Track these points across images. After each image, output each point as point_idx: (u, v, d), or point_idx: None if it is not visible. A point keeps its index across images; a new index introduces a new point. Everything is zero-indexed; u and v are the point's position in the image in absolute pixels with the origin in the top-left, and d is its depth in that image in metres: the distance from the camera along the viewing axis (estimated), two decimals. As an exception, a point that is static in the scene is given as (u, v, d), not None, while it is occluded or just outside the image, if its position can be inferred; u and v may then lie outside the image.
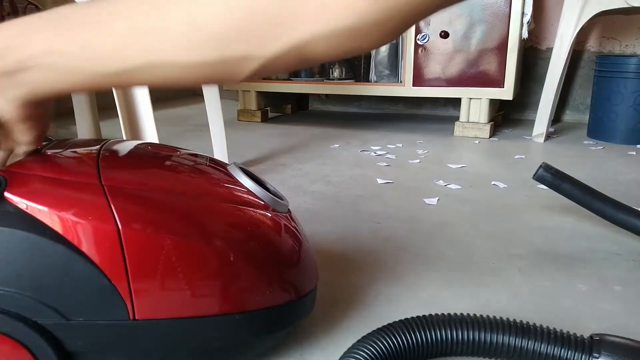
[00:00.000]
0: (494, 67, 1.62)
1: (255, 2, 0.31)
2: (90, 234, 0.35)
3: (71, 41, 0.34)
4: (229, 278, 0.41)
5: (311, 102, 2.43)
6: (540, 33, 1.97)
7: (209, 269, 0.39)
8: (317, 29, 0.31)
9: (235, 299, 0.41)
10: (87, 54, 0.34)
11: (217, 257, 0.40)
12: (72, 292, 0.35)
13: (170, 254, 0.37)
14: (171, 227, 0.38)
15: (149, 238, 0.37)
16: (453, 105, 2.17)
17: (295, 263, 0.46)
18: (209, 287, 0.40)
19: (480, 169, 1.27)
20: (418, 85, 1.72)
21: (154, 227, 0.38)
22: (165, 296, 0.38)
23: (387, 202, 0.99)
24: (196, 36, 0.32)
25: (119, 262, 0.36)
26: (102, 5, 0.35)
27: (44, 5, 1.36)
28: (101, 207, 0.36)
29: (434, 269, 0.69)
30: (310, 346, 0.51)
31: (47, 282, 0.35)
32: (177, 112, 2.28)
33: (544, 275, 0.67)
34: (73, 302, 0.36)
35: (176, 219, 0.39)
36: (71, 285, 0.35)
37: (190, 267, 0.38)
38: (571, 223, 0.86)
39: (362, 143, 1.57)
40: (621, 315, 0.57)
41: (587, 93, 1.95)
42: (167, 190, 0.40)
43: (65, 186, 0.37)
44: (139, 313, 0.37)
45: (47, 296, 0.35)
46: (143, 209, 0.38)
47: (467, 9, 1.61)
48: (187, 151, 0.52)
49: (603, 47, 1.92)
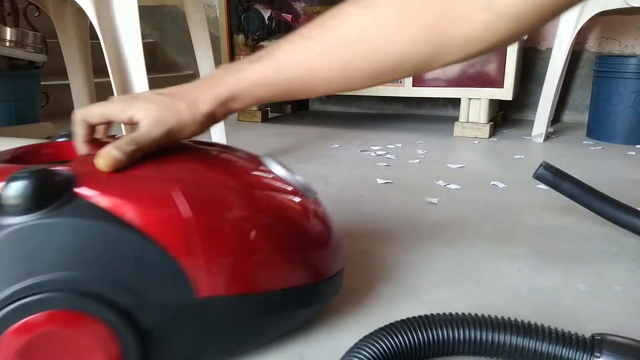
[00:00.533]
0: (493, 67, 1.62)
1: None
2: (156, 222, 0.40)
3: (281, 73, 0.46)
4: (278, 256, 0.46)
5: (311, 102, 2.43)
6: (539, 33, 1.98)
7: (263, 250, 0.45)
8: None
9: (283, 276, 0.47)
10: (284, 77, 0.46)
11: (269, 239, 0.46)
12: (144, 275, 0.40)
13: (230, 238, 0.43)
14: (228, 214, 0.44)
15: (210, 224, 0.42)
16: (453, 105, 2.17)
17: (327, 244, 0.52)
18: (262, 266, 0.45)
19: (479, 169, 1.27)
20: (418, 85, 1.72)
21: (214, 213, 0.43)
22: (226, 276, 0.43)
23: (387, 202, 0.99)
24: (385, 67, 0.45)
25: (184, 246, 0.40)
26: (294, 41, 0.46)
27: (44, 5, 1.36)
28: (166, 196, 0.41)
29: (434, 269, 0.69)
30: (311, 346, 0.51)
31: (120, 266, 0.39)
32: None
33: (544, 275, 0.67)
34: (145, 284, 0.40)
35: (231, 207, 0.44)
36: (143, 268, 0.40)
37: (248, 249, 0.44)
38: (571, 223, 0.86)
39: (362, 143, 1.57)
40: (621, 315, 0.57)
41: (586, 93, 1.95)
42: (221, 183, 0.46)
43: (133, 180, 0.42)
44: (202, 292, 0.41)
45: (124, 279, 0.39)
46: (204, 198, 0.43)
47: (467, 10, 1.61)
48: (228, 147, 0.58)
49: (602, 47, 1.93)
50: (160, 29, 2.98)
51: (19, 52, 1.37)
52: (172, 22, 2.91)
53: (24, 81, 1.44)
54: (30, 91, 1.48)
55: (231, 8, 1.97)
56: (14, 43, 1.36)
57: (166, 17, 2.92)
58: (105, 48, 0.89)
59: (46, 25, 1.45)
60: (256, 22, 1.99)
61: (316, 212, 0.52)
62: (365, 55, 0.44)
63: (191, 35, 1.33)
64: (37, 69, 1.46)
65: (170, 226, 0.40)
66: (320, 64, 0.45)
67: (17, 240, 0.37)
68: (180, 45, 2.88)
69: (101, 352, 0.39)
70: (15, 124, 1.42)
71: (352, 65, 0.45)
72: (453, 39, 0.42)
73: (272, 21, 2.00)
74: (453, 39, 0.42)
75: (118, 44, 0.92)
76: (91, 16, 0.89)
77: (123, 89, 0.92)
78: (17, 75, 1.41)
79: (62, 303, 0.37)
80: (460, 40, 0.42)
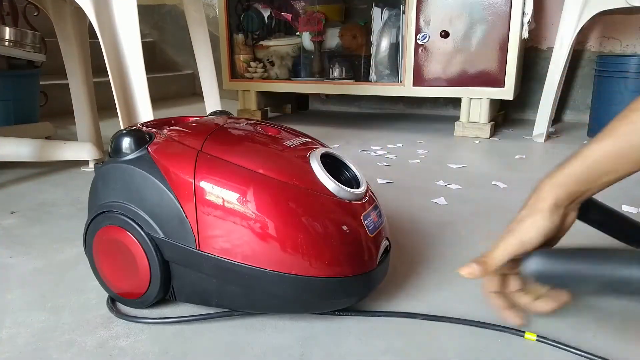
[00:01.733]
0: (494, 66, 1.61)
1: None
2: (179, 182, 0.52)
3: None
4: (274, 240, 0.50)
5: (311, 101, 2.42)
6: (540, 33, 1.97)
7: (250, 230, 0.50)
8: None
9: (272, 259, 0.50)
10: None
11: (262, 223, 0.50)
12: (167, 219, 0.52)
13: (227, 211, 0.50)
14: (231, 190, 0.50)
15: (212, 194, 0.51)
16: (453, 105, 2.17)
17: (346, 245, 0.52)
18: (256, 246, 0.50)
19: (480, 169, 1.27)
20: (418, 85, 1.72)
21: (219, 186, 0.50)
22: (222, 239, 0.51)
23: (387, 202, 0.99)
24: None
25: (192, 205, 0.51)
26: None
27: (43, 5, 1.35)
28: (189, 165, 0.52)
29: (434, 269, 0.68)
30: (309, 345, 0.51)
31: (155, 210, 0.53)
32: (177, 112, 2.28)
33: (545, 276, 0.66)
34: (166, 226, 0.53)
35: (236, 185, 0.51)
36: (167, 214, 0.52)
37: (240, 225, 0.50)
38: (572, 223, 0.85)
39: (362, 143, 1.57)
40: (621, 316, 0.57)
41: (587, 93, 1.94)
42: (241, 164, 0.52)
43: (177, 147, 0.54)
44: (202, 246, 0.51)
45: (154, 217, 0.53)
46: (216, 172, 0.51)
47: (467, 9, 1.60)
48: (294, 134, 0.62)
49: (603, 47, 1.92)
50: (159, 28, 2.97)
51: (18, 52, 1.37)
52: (171, 21, 2.90)
53: (22, 81, 1.44)
54: (29, 91, 1.48)
55: (231, 7, 1.97)
56: (13, 42, 1.36)
57: (165, 17, 2.92)
58: (105, 47, 0.89)
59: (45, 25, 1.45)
60: (256, 21, 1.99)
61: (339, 213, 0.53)
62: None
63: (191, 35, 1.33)
64: (36, 68, 1.46)
65: (186, 191, 0.51)
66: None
67: (106, 174, 0.57)
68: (179, 44, 2.87)
69: (136, 264, 0.54)
70: (14, 123, 1.42)
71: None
72: None
73: (272, 20, 2.00)
74: None
75: (117, 44, 0.91)
76: (90, 15, 0.89)
77: (122, 89, 0.91)
78: (16, 75, 1.41)
79: (116, 221, 0.55)
80: None
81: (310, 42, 1.92)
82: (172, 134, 0.57)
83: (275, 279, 0.50)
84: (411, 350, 0.51)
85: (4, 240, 0.80)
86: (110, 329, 0.54)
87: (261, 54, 2.00)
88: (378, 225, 0.56)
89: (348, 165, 0.59)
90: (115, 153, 0.56)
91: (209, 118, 0.68)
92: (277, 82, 1.97)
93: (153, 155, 0.54)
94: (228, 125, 0.62)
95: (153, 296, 0.55)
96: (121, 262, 0.56)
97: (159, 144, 0.55)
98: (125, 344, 0.51)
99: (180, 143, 0.55)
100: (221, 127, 0.61)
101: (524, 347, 0.51)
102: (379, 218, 0.57)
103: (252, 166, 0.52)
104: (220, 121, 0.64)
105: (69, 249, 0.76)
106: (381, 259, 0.56)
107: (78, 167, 1.25)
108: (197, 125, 0.63)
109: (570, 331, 0.54)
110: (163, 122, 0.67)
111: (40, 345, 0.51)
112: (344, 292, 0.53)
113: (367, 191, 0.57)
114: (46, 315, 0.57)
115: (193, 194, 0.51)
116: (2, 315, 0.57)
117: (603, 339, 0.52)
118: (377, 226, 0.56)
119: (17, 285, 0.64)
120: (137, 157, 0.54)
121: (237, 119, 0.68)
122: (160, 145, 0.55)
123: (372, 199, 0.58)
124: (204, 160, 0.52)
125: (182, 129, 0.59)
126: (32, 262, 0.71)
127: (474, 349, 0.51)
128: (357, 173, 0.58)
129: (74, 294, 0.62)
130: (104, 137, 1.42)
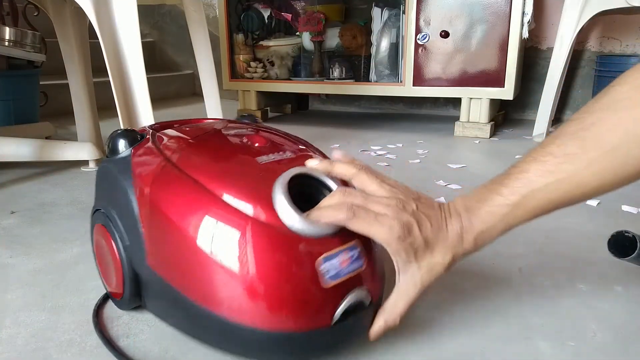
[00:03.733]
0: (494, 66, 1.61)
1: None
2: (141, 189, 0.50)
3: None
4: (204, 275, 0.44)
5: (311, 101, 2.42)
6: (540, 33, 1.97)
7: (186, 257, 0.45)
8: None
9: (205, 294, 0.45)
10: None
11: (195, 251, 0.44)
12: (129, 226, 0.51)
13: (168, 231, 0.46)
14: (178, 208, 0.46)
15: (152, 210, 0.48)
16: (453, 105, 2.17)
17: (281, 291, 0.42)
18: (194, 278, 0.45)
19: (480, 169, 1.27)
20: (418, 85, 1.72)
21: (170, 200, 0.47)
22: (163, 260, 0.48)
23: (387, 202, 0.99)
24: None
25: (146, 216, 0.49)
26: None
27: (43, 5, 1.35)
28: (150, 174, 0.50)
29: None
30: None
31: (123, 213, 0.51)
32: (177, 112, 2.27)
33: (544, 275, 0.66)
34: (129, 232, 0.51)
35: (183, 204, 0.46)
36: (129, 220, 0.50)
37: (176, 249, 0.46)
38: (571, 223, 0.85)
39: (362, 143, 1.57)
40: (621, 315, 0.57)
41: (587, 93, 1.94)
42: (202, 181, 0.46)
43: (150, 152, 0.52)
44: (149, 262, 0.49)
45: (123, 223, 0.52)
46: (170, 186, 0.47)
47: (467, 9, 1.60)
48: (284, 146, 0.56)
49: (603, 47, 1.92)
50: (159, 28, 2.97)
51: (18, 52, 1.37)
52: (171, 21, 2.90)
53: (22, 81, 1.44)
54: (29, 91, 1.47)
55: (231, 7, 1.97)
56: (13, 42, 1.36)
57: (165, 17, 2.92)
58: (105, 47, 0.89)
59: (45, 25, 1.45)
60: (256, 21, 1.99)
61: (277, 251, 0.42)
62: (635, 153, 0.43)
63: (190, 35, 1.33)
64: (36, 68, 1.45)
65: (143, 199, 0.49)
66: (589, 176, 0.44)
67: (99, 172, 0.58)
68: (179, 44, 2.87)
69: (113, 265, 0.53)
70: (14, 123, 1.42)
71: (622, 168, 0.43)
72: None
73: (272, 20, 2.00)
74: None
75: (117, 44, 0.91)
76: (90, 15, 0.89)
77: (122, 89, 0.91)
78: (16, 75, 1.41)
79: (102, 220, 0.54)
80: None
81: (310, 42, 1.92)
82: (159, 137, 0.55)
83: (204, 315, 0.44)
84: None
85: (4, 240, 0.80)
86: (110, 329, 0.54)
87: (261, 54, 2.00)
88: (345, 272, 0.43)
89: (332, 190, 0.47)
90: (109, 152, 0.56)
91: (209, 123, 0.65)
92: (277, 82, 1.97)
93: (132, 158, 0.52)
94: (216, 132, 0.58)
95: (128, 300, 0.53)
96: (106, 260, 0.55)
97: (141, 147, 0.53)
98: (125, 344, 0.51)
99: (156, 148, 0.52)
100: (208, 134, 0.57)
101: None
102: (353, 263, 0.44)
103: (210, 185, 0.45)
104: (219, 126, 0.60)
105: (69, 249, 0.76)
106: (346, 315, 0.44)
107: (78, 167, 1.25)
108: (189, 130, 0.59)
109: (571, 331, 0.54)
110: (176, 123, 0.65)
111: (40, 345, 0.51)
112: (272, 350, 0.44)
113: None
114: (46, 315, 0.57)
115: (147, 203, 0.48)
116: (2, 315, 0.57)
117: (603, 339, 0.52)
118: (344, 273, 0.43)
119: (17, 285, 0.65)
120: (120, 159, 0.53)
121: (238, 123, 0.64)
122: (141, 149, 0.53)
123: (350, 236, 0.44)
124: (166, 171, 0.48)
125: (172, 133, 0.57)
126: (32, 262, 0.71)
127: (473, 348, 0.51)
128: None
129: (74, 294, 0.62)
130: (104, 137, 1.41)
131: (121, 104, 0.90)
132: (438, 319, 0.56)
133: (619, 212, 0.91)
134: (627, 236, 0.53)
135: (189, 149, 0.52)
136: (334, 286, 0.43)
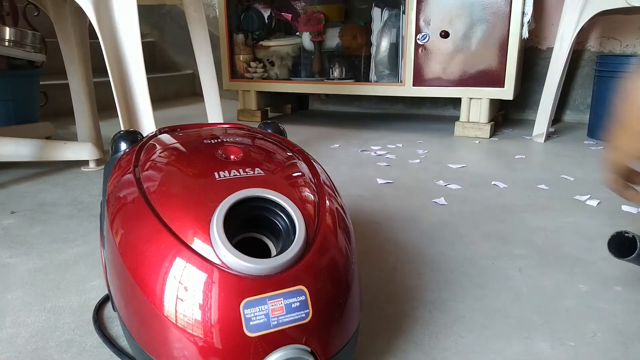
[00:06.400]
0: (494, 66, 1.61)
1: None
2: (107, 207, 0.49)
3: None
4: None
5: (311, 101, 2.42)
6: (540, 33, 1.97)
7: (118, 282, 0.43)
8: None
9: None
10: None
11: (124, 277, 0.41)
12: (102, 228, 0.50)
13: (108, 243, 0.46)
14: (110, 227, 0.45)
15: (116, 220, 0.46)
16: (453, 105, 2.17)
17: (192, 336, 0.36)
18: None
19: (480, 169, 1.27)
20: (418, 85, 1.72)
21: (119, 215, 0.45)
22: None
23: (387, 202, 0.99)
24: None
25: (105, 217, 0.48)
26: None
27: (43, 5, 1.36)
28: (117, 178, 0.50)
29: (435, 269, 0.68)
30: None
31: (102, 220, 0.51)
32: (177, 112, 2.28)
33: (544, 275, 0.66)
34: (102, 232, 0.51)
35: (124, 221, 0.44)
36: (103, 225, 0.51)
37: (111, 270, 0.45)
38: (571, 223, 0.85)
39: (362, 143, 1.57)
40: (621, 316, 0.57)
41: (587, 93, 1.94)
42: (151, 198, 0.43)
43: (125, 158, 0.52)
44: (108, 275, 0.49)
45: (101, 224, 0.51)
46: (123, 197, 0.46)
47: (467, 9, 1.60)
48: (265, 156, 0.50)
49: (603, 46, 1.92)
50: (159, 29, 2.97)
51: (18, 52, 1.37)
52: (171, 21, 2.90)
53: (23, 81, 1.44)
54: (29, 91, 1.47)
55: (231, 7, 1.97)
56: (13, 43, 1.36)
57: (165, 17, 2.92)
58: (105, 47, 0.89)
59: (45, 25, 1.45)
60: (256, 21, 1.99)
61: (206, 291, 0.36)
62: None
63: (190, 35, 1.33)
64: (36, 68, 1.46)
65: (108, 215, 0.49)
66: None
67: (104, 170, 0.56)
68: (179, 44, 2.87)
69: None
70: (15, 123, 1.42)
71: None
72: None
73: (272, 20, 2.00)
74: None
75: (117, 44, 0.92)
76: (90, 16, 0.89)
77: (122, 89, 0.91)
78: (16, 75, 1.41)
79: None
80: None
81: (310, 42, 1.92)
82: (143, 146, 0.53)
83: (131, 344, 0.43)
84: None
85: (4, 240, 0.80)
86: (110, 329, 0.54)
87: (261, 54, 2.00)
88: (278, 323, 0.36)
89: (292, 219, 0.40)
90: (111, 150, 0.58)
91: (209, 129, 0.61)
92: (277, 82, 1.97)
93: (114, 165, 0.52)
94: (198, 142, 0.52)
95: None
96: None
97: (130, 151, 0.53)
98: (125, 344, 0.51)
99: (137, 153, 0.51)
100: (189, 144, 0.52)
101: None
102: (291, 312, 0.37)
103: (156, 205, 0.41)
104: (208, 134, 0.55)
105: (69, 249, 0.76)
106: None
107: (78, 167, 1.25)
108: (181, 135, 0.56)
109: (570, 330, 0.54)
110: (179, 128, 0.62)
111: (40, 345, 0.51)
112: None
113: (291, 264, 0.37)
114: (46, 315, 0.57)
115: (107, 221, 0.47)
116: (2, 315, 0.57)
117: (603, 339, 0.52)
118: (277, 324, 0.36)
119: (17, 285, 0.65)
120: (113, 159, 0.54)
121: (240, 128, 0.60)
122: (129, 152, 0.53)
123: (299, 279, 0.38)
124: (120, 188, 0.47)
125: (165, 138, 0.55)
126: (32, 262, 0.71)
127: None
128: (298, 233, 0.39)
129: (74, 294, 0.62)
130: (104, 137, 1.42)
131: (121, 104, 0.90)
132: (438, 319, 0.56)
133: (618, 212, 0.91)
134: (627, 236, 0.53)
135: (153, 163, 0.48)
136: (260, 337, 0.36)
